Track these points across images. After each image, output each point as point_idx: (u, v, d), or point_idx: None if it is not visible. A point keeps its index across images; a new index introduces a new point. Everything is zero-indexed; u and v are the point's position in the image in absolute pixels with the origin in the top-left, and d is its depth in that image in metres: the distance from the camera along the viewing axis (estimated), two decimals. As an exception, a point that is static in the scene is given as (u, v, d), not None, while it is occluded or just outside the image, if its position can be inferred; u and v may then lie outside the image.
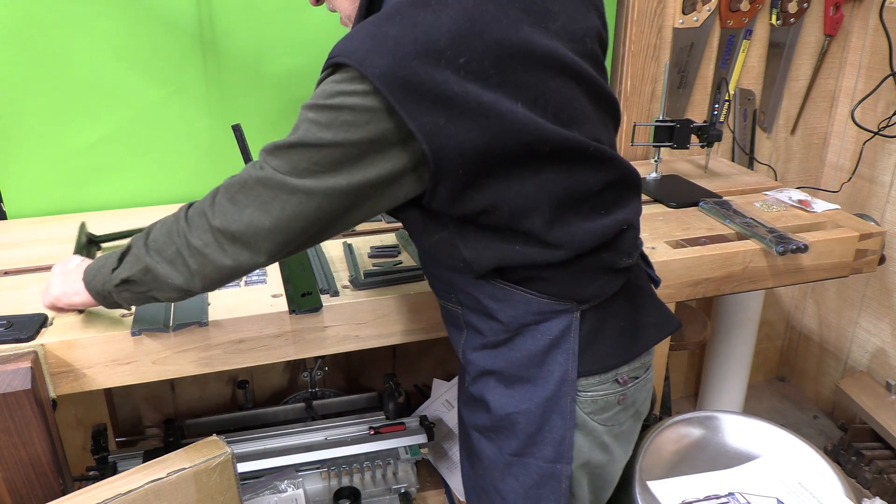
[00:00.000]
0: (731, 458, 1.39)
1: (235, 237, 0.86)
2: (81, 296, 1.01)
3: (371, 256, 1.37)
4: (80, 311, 1.15)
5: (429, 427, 1.64)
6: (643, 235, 1.17)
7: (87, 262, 1.04)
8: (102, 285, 0.98)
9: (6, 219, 1.58)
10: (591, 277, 0.97)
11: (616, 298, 1.00)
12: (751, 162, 2.09)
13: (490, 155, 0.84)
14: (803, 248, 1.40)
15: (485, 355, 1.01)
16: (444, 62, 0.79)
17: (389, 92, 0.78)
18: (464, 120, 0.81)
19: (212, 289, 0.92)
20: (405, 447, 1.64)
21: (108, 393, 1.74)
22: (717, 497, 1.29)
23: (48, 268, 1.32)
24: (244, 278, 1.26)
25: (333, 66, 0.84)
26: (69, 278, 1.03)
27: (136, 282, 0.93)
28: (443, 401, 1.80)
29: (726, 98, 2.00)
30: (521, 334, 0.98)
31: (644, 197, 1.66)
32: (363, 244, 1.42)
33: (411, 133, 0.80)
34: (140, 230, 1.07)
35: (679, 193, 1.68)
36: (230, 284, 1.24)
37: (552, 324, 0.97)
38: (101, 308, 1.16)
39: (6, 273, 1.31)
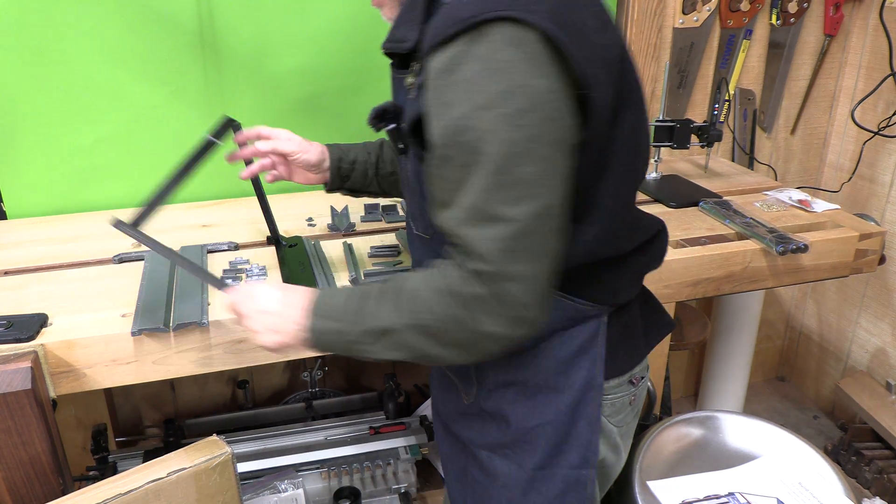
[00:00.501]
0: (731, 458, 1.39)
1: (540, 303, 0.78)
2: (302, 347, 0.89)
3: (371, 256, 1.37)
4: None
5: (429, 427, 1.64)
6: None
7: (290, 303, 0.88)
8: (336, 347, 0.86)
9: (6, 219, 1.58)
10: (627, 281, 0.96)
11: (633, 301, 1.00)
12: (751, 162, 2.09)
13: (613, 113, 0.80)
14: (803, 248, 1.40)
15: (505, 365, 0.94)
16: (581, 10, 0.76)
17: (561, 37, 0.69)
18: (606, 71, 0.77)
19: None
20: (405, 447, 1.65)
21: (108, 393, 1.74)
22: (717, 497, 1.29)
23: (48, 268, 1.32)
24: (244, 278, 1.26)
25: (475, 26, 0.70)
26: (281, 328, 0.87)
27: (401, 359, 0.84)
28: (443, 401, 1.80)
29: (726, 98, 2.00)
30: (549, 340, 0.93)
31: (644, 197, 1.66)
32: (363, 244, 1.42)
33: (578, 83, 0.73)
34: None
35: (679, 193, 1.68)
36: (230, 284, 1.24)
37: (581, 328, 0.93)
38: (99, 308, 1.16)
39: (6, 273, 1.31)
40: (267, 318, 0.89)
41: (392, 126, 0.90)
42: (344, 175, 1.24)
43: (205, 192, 1.68)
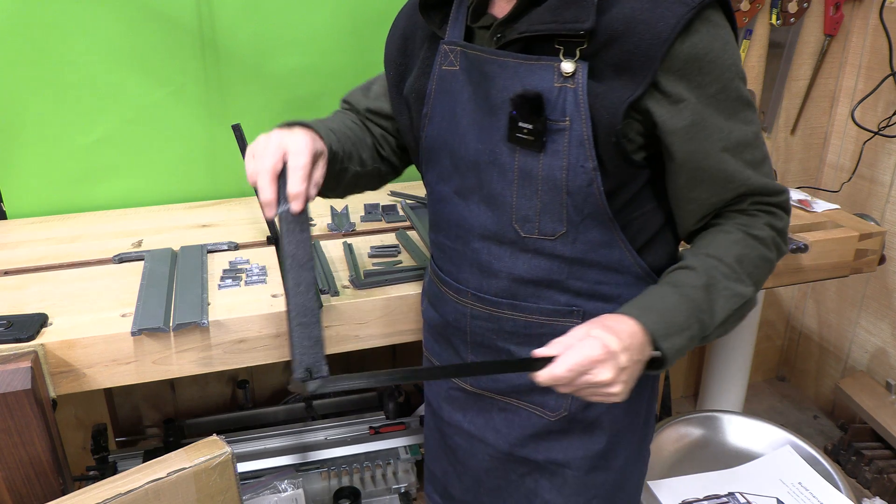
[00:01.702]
0: (731, 458, 1.39)
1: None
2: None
3: (371, 256, 1.37)
4: None
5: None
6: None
7: (630, 346, 0.78)
8: (680, 355, 0.83)
9: (6, 219, 1.58)
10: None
11: None
12: (751, 162, 2.09)
13: None
14: (803, 248, 1.40)
15: None
16: None
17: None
18: None
19: None
20: (405, 447, 1.65)
21: (108, 393, 1.74)
22: (717, 497, 1.30)
23: (48, 268, 1.32)
24: (244, 278, 1.26)
25: (702, 10, 0.79)
26: (636, 373, 0.79)
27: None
28: (443, 401, 1.80)
29: (726, 98, 2.00)
30: None
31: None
32: (363, 244, 1.42)
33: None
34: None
35: (679, 193, 1.68)
36: (230, 284, 1.24)
37: None
38: (98, 308, 1.16)
39: (6, 273, 1.31)
40: (624, 374, 0.77)
41: (538, 118, 0.82)
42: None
43: (205, 192, 1.69)
